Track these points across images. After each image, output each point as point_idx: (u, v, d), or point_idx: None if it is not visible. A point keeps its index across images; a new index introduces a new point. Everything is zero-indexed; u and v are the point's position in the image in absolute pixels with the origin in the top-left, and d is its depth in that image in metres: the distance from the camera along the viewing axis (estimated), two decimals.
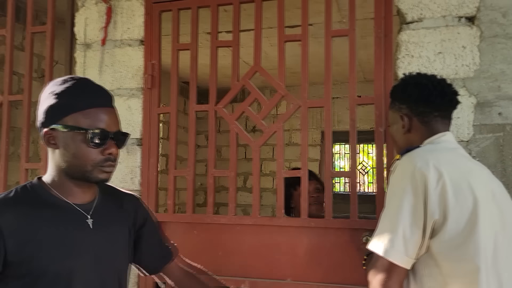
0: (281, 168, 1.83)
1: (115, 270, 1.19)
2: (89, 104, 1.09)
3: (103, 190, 1.23)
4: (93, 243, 1.12)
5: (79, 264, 1.09)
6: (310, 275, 1.78)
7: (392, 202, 1.23)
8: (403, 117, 1.38)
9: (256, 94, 1.89)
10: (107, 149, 1.09)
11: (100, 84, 2.00)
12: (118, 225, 1.23)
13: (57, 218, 1.09)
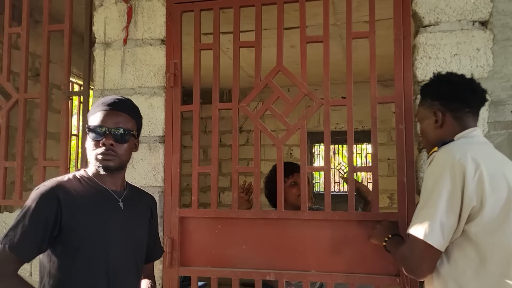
0: (305, 164, 1.91)
1: (137, 245, 1.48)
2: (96, 110, 1.42)
3: (130, 186, 1.55)
4: (123, 220, 1.42)
5: (112, 235, 1.38)
6: (333, 265, 1.86)
7: (431, 190, 1.32)
8: (436, 113, 1.46)
9: (279, 93, 1.96)
10: (102, 141, 1.38)
11: (121, 82, 2.05)
12: (142, 212, 1.54)
13: (97, 198, 1.40)
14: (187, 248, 2.00)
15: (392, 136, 6.30)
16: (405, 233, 1.76)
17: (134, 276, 1.47)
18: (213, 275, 1.95)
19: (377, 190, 1.84)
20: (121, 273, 1.40)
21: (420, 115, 1.55)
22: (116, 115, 1.41)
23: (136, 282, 1.49)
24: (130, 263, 1.44)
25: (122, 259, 1.40)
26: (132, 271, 1.45)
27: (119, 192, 1.46)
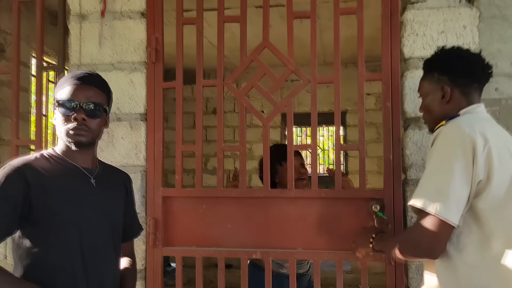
0: (291, 140, 1.89)
1: (111, 224, 1.43)
2: (66, 84, 1.37)
3: (102, 163, 1.51)
4: (96, 198, 1.38)
5: (84, 213, 1.33)
6: (320, 243, 1.86)
7: (441, 164, 1.28)
8: (444, 88, 1.42)
9: (265, 70, 1.91)
10: (74, 116, 1.33)
11: (99, 57, 1.96)
12: (115, 189, 1.50)
13: (67, 176, 1.35)
14: (171, 228, 1.95)
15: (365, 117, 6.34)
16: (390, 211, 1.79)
17: (112, 256, 1.43)
18: (198, 254, 1.92)
19: (364, 168, 1.84)
20: (98, 253, 1.36)
21: (424, 90, 1.50)
22: (87, 89, 1.37)
23: (115, 262, 1.45)
24: (106, 242, 1.40)
25: (98, 239, 1.37)
26: (109, 251, 1.41)
27: (91, 170, 1.41)
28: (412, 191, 1.77)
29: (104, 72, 2.00)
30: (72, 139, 1.34)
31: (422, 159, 1.79)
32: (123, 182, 1.56)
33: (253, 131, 6.62)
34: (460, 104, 1.41)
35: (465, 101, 1.41)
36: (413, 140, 1.81)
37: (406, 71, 1.83)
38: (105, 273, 1.39)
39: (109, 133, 2.00)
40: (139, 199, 1.97)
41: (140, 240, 1.95)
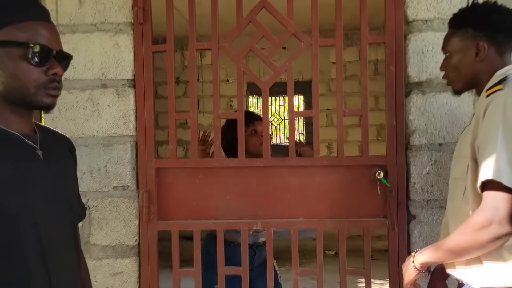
0: (293, 109, 1.81)
1: (69, 205, 1.11)
2: (25, 16, 0.96)
3: (38, 126, 1.11)
4: (46, 174, 1.03)
5: (36, 199, 0.99)
6: (322, 212, 1.82)
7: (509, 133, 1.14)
8: (480, 45, 1.31)
9: (264, 32, 1.81)
10: (51, 68, 0.98)
11: (79, 17, 1.79)
12: (65, 159, 1.15)
13: (6, 150, 0.97)
14: (165, 201, 1.85)
15: (330, 86, 6.37)
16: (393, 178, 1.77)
17: (74, 248, 1.12)
18: (195, 228, 1.83)
19: (367, 134, 1.79)
20: (59, 248, 1.03)
21: (453, 47, 1.38)
22: (55, 30, 1.03)
23: (77, 255, 1.14)
24: (66, 231, 1.08)
25: (57, 228, 1.04)
26: (71, 242, 1.10)
27: (32, 136, 1.04)
28: (415, 157, 1.77)
29: (85, 34, 1.85)
30: (44, 100, 0.98)
31: (425, 124, 1.77)
32: (69, 148, 1.20)
33: (221, 99, 6.51)
34: (495, 63, 1.31)
35: (500, 61, 1.32)
36: (416, 105, 1.77)
37: (410, 34, 1.78)
38: (70, 277, 1.08)
39: (94, 100, 1.84)
40: (129, 172, 1.85)
41: (132, 215, 1.84)
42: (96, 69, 1.84)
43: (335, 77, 1.72)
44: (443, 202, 1.75)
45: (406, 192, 1.79)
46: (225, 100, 6.60)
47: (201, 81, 6.55)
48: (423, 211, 1.78)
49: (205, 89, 6.48)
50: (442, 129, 1.77)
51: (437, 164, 1.76)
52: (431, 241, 1.76)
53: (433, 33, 1.77)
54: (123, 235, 1.84)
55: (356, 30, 1.77)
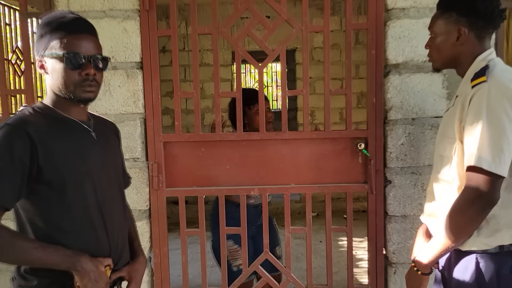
0: (285, 87, 2.03)
1: (117, 174, 1.46)
2: (66, 33, 1.26)
3: (92, 115, 1.45)
4: (99, 150, 1.36)
5: (93, 168, 1.32)
6: (311, 178, 2.08)
7: (494, 121, 1.27)
8: (461, 30, 1.40)
9: (259, 18, 2.00)
10: (84, 70, 1.26)
11: (89, 4, 1.96)
12: (112, 139, 1.51)
13: (69, 131, 1.30)
14: (172, 171, 2.08)
15: (313, 56, 6.55)
16: (372, 148, 2.02)
17: (121, 205, 1.47)
18: (199, 194, 2.08)
19: (351, 110, 2.04)
20: (110, 203, 1.37)
21: (438, 29, 1.47)
22: (90, 40, 1.30)
23: (124, 211, 1.49)
24: (116, 192, 1.42)
25: (109, 190, 1.37)
26: (119, 200, 1.45)
27: (88, 122, 1.37)
28: (392, 130, 2.02)
29: (95, 20, 2.00)
30: (82, 95, 1.28)
31: (401, 102, 2.02)
32: (115, 132, 1.55)
33: (204, 70, 6.63)
34: (474, 48, 1.42)
35: (479, 46, 1.42)
36: (394, 85, 2.01)
37: (389, 21, 2.00)
38: (119, 223, 1.41)
39: (105, 81, 2.02)
40: (139, 145, 2.06)
41: (143, 183, 2.07)
42: (106, 53, 2.01)
43: (318, 46, 1.91)
44: (415, 169, 2.04)
45: (383, 160, 2.05)
46: (211, 69, 6.72)
47: (186, 50, 6.65)
48: (397, 176, 2.05)
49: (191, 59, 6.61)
50: (415, 105, 2.02)
51: (410, 136, 2.03)
52: (404, 202, 2.05)
53: (409, 20, 1.99)
54: (135, 201, 2.08)
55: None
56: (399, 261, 2.08)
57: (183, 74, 6.85)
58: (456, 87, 1.98)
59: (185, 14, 6.55)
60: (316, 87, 6.51)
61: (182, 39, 6.67)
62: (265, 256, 2.12)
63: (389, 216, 2.07)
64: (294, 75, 6.92)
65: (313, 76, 6.43)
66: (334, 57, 6.55)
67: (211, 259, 2.40)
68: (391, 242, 2.08)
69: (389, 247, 2.09)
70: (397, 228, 2.07)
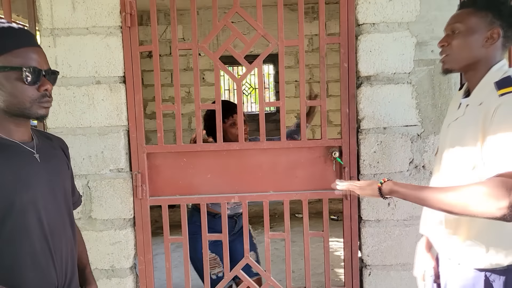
0: (263, 101, 2.13)
1: (64, 196, 1.34)
2: (17, 45, 1.15)
3: (35, 131, 1.33)
4: (44, 174, 1.24)
5: (37, 194, 1.20)
6: (288, 186, 2.18)
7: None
8: (494, 32, 1.36)
9: (237, 34, 2.09)
10: (42, 86, 1.18)
11: (73, 21, 2.03)
12: (59, 160, 1.36)
13: (8, 156, 1.17)
14: (155, 180, 2.16)
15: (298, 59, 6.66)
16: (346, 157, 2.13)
17: (70, 231, 1.35)
18: (182, 202, 2.16)
19: (326, 120, 2.14)
20: (58, 231, 1.27)
21: (469, 26, 1.39)
22: (42, 53, 1.21)
23: (74, 236, 1.37)
24: (64, 217, 1.32)
25: (57, 216, 1.27)
26: (68, 226, 1.34)
27: (30, 143, 1.26)
28: (365, 139, 2.13)
29: (79, 36, 2.08)
30: (38, 112, 1.19)
31: (373, 112, 2.12)
32: (62, 148, 1.42)
33: (190, 74, 6.71)
34: (495, 54, 1.39)
35: (500, 53, 1.40)
36: (366, 96, 2.12)
37: (360, 35, 2.10)
38: (68, 251, 1.32)
39: (89, 95, 2.10)
40: (123, 156, 2.14)
41: (127, 193, 2.15)
42: (90, 68, 2.09)
43: (307, 50, 2.00)
44: (386, 175, 2.14)
45: (357, 167, 2.16)
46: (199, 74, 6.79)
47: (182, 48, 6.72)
48: None
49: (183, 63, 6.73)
50: (386, 115, 2.13)
51: (382, 144, 2.13)
52: (377, 207, 2.16)
53: (379, 34, 2.10)
54: (120, 210, 2.16)
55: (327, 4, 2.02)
56: (373, 263, 2.19)
57: (170, 79, 6.93)
58: (425, 98, 2.11)
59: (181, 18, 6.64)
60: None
61: (168, 44, 6.75)
62: (246, 261, 2.21)
63: (363, 221, 2.18)
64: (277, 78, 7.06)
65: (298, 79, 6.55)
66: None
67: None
68: (366, 245, 2.19)
69: (364, 250, 2.19)
70: (371, 232, 2.18)
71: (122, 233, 2.17)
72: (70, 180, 1.42)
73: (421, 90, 2.12)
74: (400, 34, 2.09)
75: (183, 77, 6.69)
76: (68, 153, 1.45)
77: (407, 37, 2.09)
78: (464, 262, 1.40)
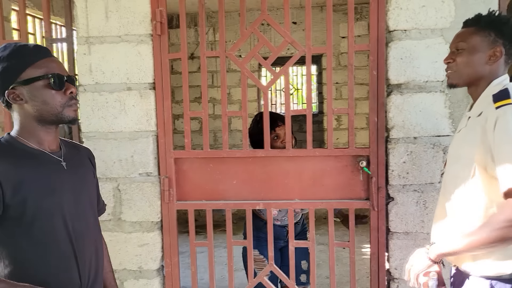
0: (289, 107, 2.12)
1: (90, 203, 1.43)
2: (36, 58, 1.26)
3: (63, 141, 1.43)
4: (70, 181, 1.33)
5: (63, 200, 1.29)
6: (314, 194, 2.16)
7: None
8: (497, 50, 1.44)
9: (264, 41, 2.09)
10: (68, 89, 1.28)
11: (107, 30, 2.10)
12: (85, 168, 1.46)
13: (37, 164, 1.27)
14: (182, 185, 2.20)
15: (340, 61, 6.57)
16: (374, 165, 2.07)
17: (95, 235, 1.43)
18: (208, 207, 2.19)
19: (353, 128, 2.10)
20: (83, 235, 1.35)
21: (472, 44, 1.49)
22: (59, 62, 1.32)
23: (98, 241, 1.45)
24: (88, 222, 1.39)
25: (81, 221, 1.35)
26: (92, 230, 1.41)
27: (58, 152, 1.35)
28: (394, 148, 2.07)
29: (112, 44, 2.15)
30: (70, 115, 1.30)
31: (403, 121, 2.06)
32: (88, 158, 1.51)
33: (231, 75, 6.78)
34: (498, 70, 1.47)
35: (502, 70, 1.48)
36: (395, 104, 2.06)
37: (391, 42, 2.04)
38: (94, 257, 1.40)
39: (121, 101, 2.17)
40: (152, 161, 2.20)
41: (155, 197, 2.20)
42: (122, 74, 2.16)
43: (344, 51, 1.97)
44: (417, 187, 2.07)
45: (385, 177, 2.10)
46: (238, 75, 6.84)
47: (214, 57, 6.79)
48: (399, 194, 2.09)
49: (218, 64, 6.77)
50: (417, 124, 2.06)
51: (412, 155, 2.07)
52: (406, 219, 2.09)
53: (410, 41, 2.03)
54: (148, 213, 2.21)
55: (365, 4, 1.97)
56: (401, 276, 2.12)
57: (211, 80, 7.02)
58: (459, 107, 2.03)
59: (213, 21, 6.73)
60: (342, 92, 6.54)
61: (210, 45, 6.84)
62: (269, 268, 2.21)
63: (392, 233, 2.12)
64: (322, 79, 6.98)
65: (340, 81, 6.47)
66: (362, 62, 6.55)
67: (222, 267, 2.52)
68: (393, 258, 2.13)
69: (391, 262, 2.13)
70: (399, 244, 2.11)
71: (150, 236, 2.23)
72: (95, 188, 1.50)
73: (454, 99, 2.03)
74: (433, 41, 2.02)
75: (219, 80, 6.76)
76: (94, 162, 1.54)
77: (440, 44, 2.02)
78: (470, 270, 1.46)
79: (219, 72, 6.67)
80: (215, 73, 6.91)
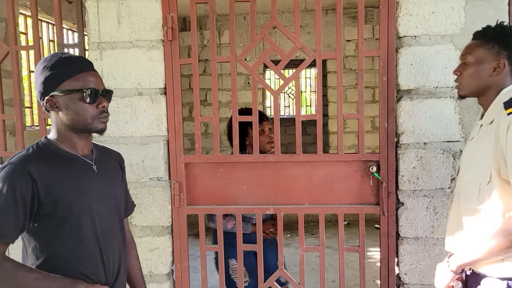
0: (299, 112, 2.13)
1: (118, 204, 1.53)
2: (77, 71, 1.36)
3: (96, 146, 1.54)
4: (99, 184, 1.44)
5: (92, 201, 1.40)
6: (324, 199, 2.16)
7: None
8: (501, 62, 1.50)
9: (275, 47, 2.11)
10: (100, 103, 1.39)
11: (118, 35, 2.12)
12: (114, 170, 1.58)
13: (69, 166, 1.39)
14: (193, 190, 2.22)
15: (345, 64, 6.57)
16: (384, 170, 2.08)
17: (120, 235, 1.53)
18: (218, 212, 2.20)
19: (363, 134, 2.11)
20: (109, 234, 1.45)
21: (477, 57, 1.55)
22: (98, 76, 1.42)
23: (123, 240, 1.55)
24: (114, 223, 1.50)
25: (108, 221, 1.45)
26: (118, 230, 1.52)
27: (89, 156, 1.46)
28: (404, 154, 2.07)
29: (123, 50, 2.17)
30: (99, 126, 1.40)
31: (413, 126, 2.06)
32: (118, 161, 1.63)
33: (239, 78, 6.80)
34: (505, 81, 1.52)
35: (510, 79, 1.52)
36: (406, 110, 2.07)
37: (401, 48, 2.05)
38: (117, 255, 1.50)
39: (132, 106, 2.19)
40: (163, 165, 2.21)
41: (166, 201, 2.22)
42: (133, 80, 2.18)
43: (349, 54, 1.99)
44: (426, 192, 2.08)
45: (395, 183, 2.11)
46: (243, 77, 6.87)
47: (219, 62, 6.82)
48: (409, 199, 2.10)
49: (224, 68, 6.79)
50: (427, 130, 2.06)
51: (422, 160, 2.07)
52: (416, 224, 2.10)
53: (420, 47, 2.04)
54: (158, 218, 2.22)
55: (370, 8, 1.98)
56: (411, 281, 2.13)
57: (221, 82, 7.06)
58: (469, 113, 2.03)
59: (218, 24, 6.76)
60: (347, 95, 6.56)
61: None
62: (280, 273, 2.22)
63: (401, 238, 2.12)
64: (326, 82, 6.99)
65: (345, 84, 6.49)
66: (367, 65, 6.57)
67: None
68: (403, 263, 2.13)
69: (401, 267, 2.14)
70: (409, 249, 2.12)
71: (160, 240, 2.24)
72: (123, 190, 1.61)
73: (464, 105, 2.04)
74: (443, 47, 2.03)
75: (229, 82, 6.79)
76: (123, 166, 1.66)
77: (450, 50, 2.03)
78: (487, 272, 1.49)
79: (223, 75, 6.69)
80: (220, 76, 6.93)
